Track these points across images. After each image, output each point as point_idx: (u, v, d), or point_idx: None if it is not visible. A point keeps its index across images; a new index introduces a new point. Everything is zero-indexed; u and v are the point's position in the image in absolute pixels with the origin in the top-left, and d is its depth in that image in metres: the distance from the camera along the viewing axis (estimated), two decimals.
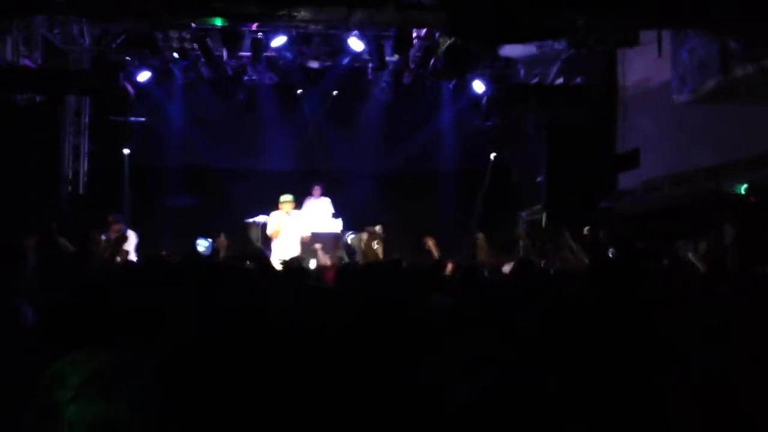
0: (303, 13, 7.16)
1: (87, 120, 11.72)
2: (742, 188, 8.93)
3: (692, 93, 8.09)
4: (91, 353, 2.05)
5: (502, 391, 1.98)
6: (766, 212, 9.27)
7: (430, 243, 8.27)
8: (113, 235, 8.43)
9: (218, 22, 7.38)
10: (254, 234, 10.19)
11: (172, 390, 1.98)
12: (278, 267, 6.13)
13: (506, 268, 6.96)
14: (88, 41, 10.89)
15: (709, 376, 2.28)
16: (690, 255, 7.89)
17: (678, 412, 2.15)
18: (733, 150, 8.58)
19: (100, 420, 1.89)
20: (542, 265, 7.22)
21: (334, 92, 12.23)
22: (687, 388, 2.22)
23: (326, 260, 9.03)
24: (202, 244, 6.15)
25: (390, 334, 2.43)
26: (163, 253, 8.43)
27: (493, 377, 2.03)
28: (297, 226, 9.79)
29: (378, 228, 9.94)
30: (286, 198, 9.85)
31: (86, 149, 11.68)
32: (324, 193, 10.99)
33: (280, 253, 9.23)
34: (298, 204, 10.56)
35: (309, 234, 9.85)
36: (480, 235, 6.97)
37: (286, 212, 9.79)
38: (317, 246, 9.45)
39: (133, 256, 8.74)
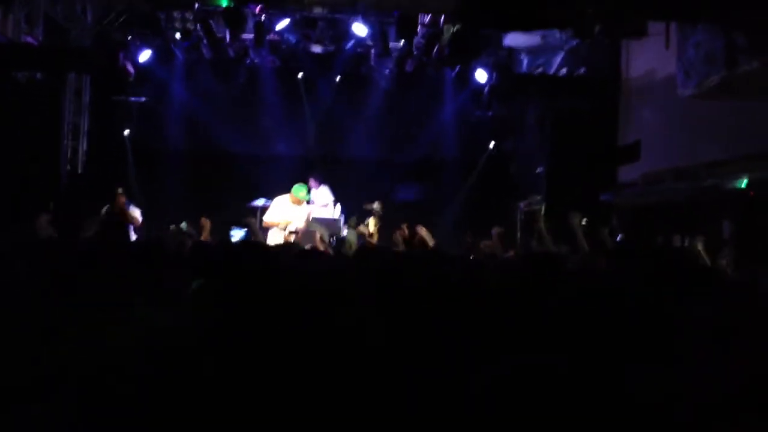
0: None
1: (87, 99, 11.64)
2: (743, 183, 8.95)
3: (697, 87, 8.07)
4: None
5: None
6: (766, 208, 9.31)
7: (423, 232, 8.30)
8: (118, 208, 8.47)
9: (224, 3, 7.31)
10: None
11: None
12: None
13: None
14: (90, 19, 10.82)
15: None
16: (699, 247, 7.88)
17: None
18: (737, 146, 8.59)
19: None
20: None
21: (337, 78, 12.18)
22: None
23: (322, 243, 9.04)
24: (238, 234, 5.90)
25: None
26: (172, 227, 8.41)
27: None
28: (300, 218, 9.64)
29: (376, 204, 9.95)
30: (301, 190, 9.67)
31: (86, 128, 11.61)
32: (322, 181, 10.97)
33: (275, 239, 9.19)
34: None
35: (309, 220, 9.77)
36: (497, 229, 6.94)
37: (298, 204, 9.63)
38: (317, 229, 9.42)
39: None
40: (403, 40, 10.23)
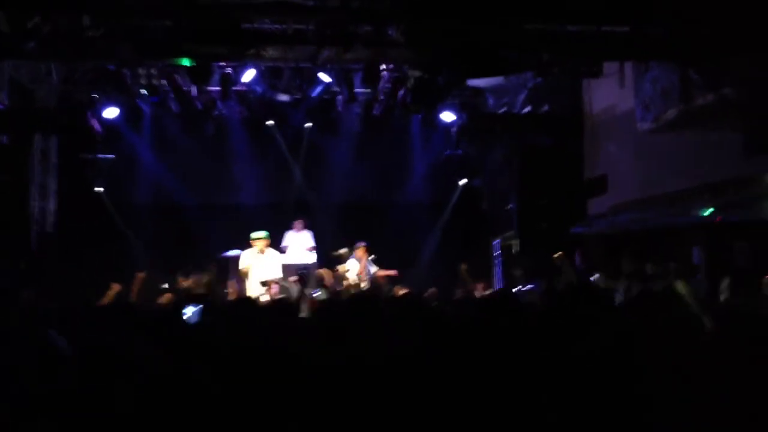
0: (271, 52, 7.21)
1: (55, 158, 11.58)
2: (708, 211, 9.13)
3: (655, 121, 8.28)
4: None
5: None
6: (733, 234, 9.49)
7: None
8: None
9: (186, 62, 7.39)
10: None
11: None
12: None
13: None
14: (55, 79, 10.82)
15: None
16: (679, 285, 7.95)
17: None
18: (698, 175, 8.78)
19: None
20: None
21: (306, 125, 12.27)
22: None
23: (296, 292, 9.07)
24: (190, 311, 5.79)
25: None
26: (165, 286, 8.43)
27: None
28: (269, 265, 9.63)
29: (344, 250, 9.96)
30: (258, 235, 9.71)
31: (54, 188, 11.53)
32: (306, 227, 11.03)
33: (252, 291, 9.17)
34: (277, 236, 10.52)
35: (282, 270, 9.77)
36: (463, 266, 7.20)
37: (259, 250, 9.64)
38: (291, 279, 9.46)
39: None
40: (368, 87, 10.36)
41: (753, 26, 6.20)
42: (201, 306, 3.55)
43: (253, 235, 9.69)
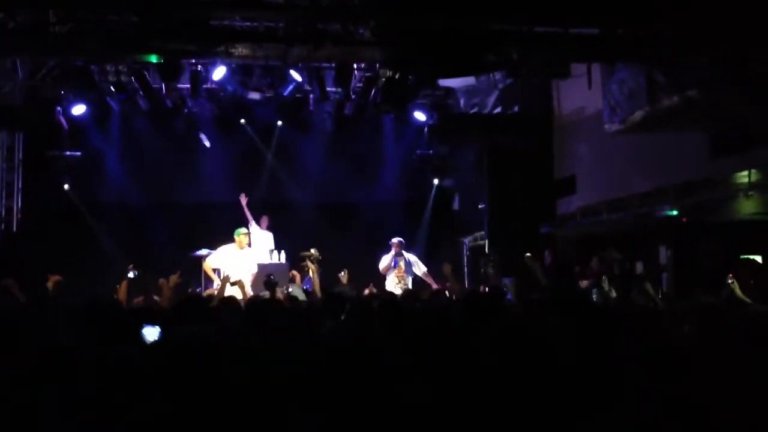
0: (241, 50, 7.16)
1: (20, 156, 11.37)
2: (675, 211, 9.28)
3: (622, 122, 8.37)
4: None
5: None
6: (698, 234, 9.65)
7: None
8: None
9: (154, 59, 7.30)
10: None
11: None
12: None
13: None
14: (21, 75, 10.63)
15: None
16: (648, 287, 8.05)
17: None
18: (665, 176, 8.92)
19: None
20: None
21: (279, 122, 12.22)
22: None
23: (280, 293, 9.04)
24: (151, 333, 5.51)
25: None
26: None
27: None
28: (249, 261, 9.61)
29: (314, 251, 9.92)
30: (243, 231, 9.74)
31: (20, 186, 11.32)
32: (269, 227, 10.96)
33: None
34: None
35: (257, 269, 9.72)
36: (447, 266, 7.23)
37: (241, 247, 9.61)
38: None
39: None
40: (339, 87, 10.33)
41: (716, 27, 6.31)
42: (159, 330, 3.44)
43: (240, 230, 9.66)
